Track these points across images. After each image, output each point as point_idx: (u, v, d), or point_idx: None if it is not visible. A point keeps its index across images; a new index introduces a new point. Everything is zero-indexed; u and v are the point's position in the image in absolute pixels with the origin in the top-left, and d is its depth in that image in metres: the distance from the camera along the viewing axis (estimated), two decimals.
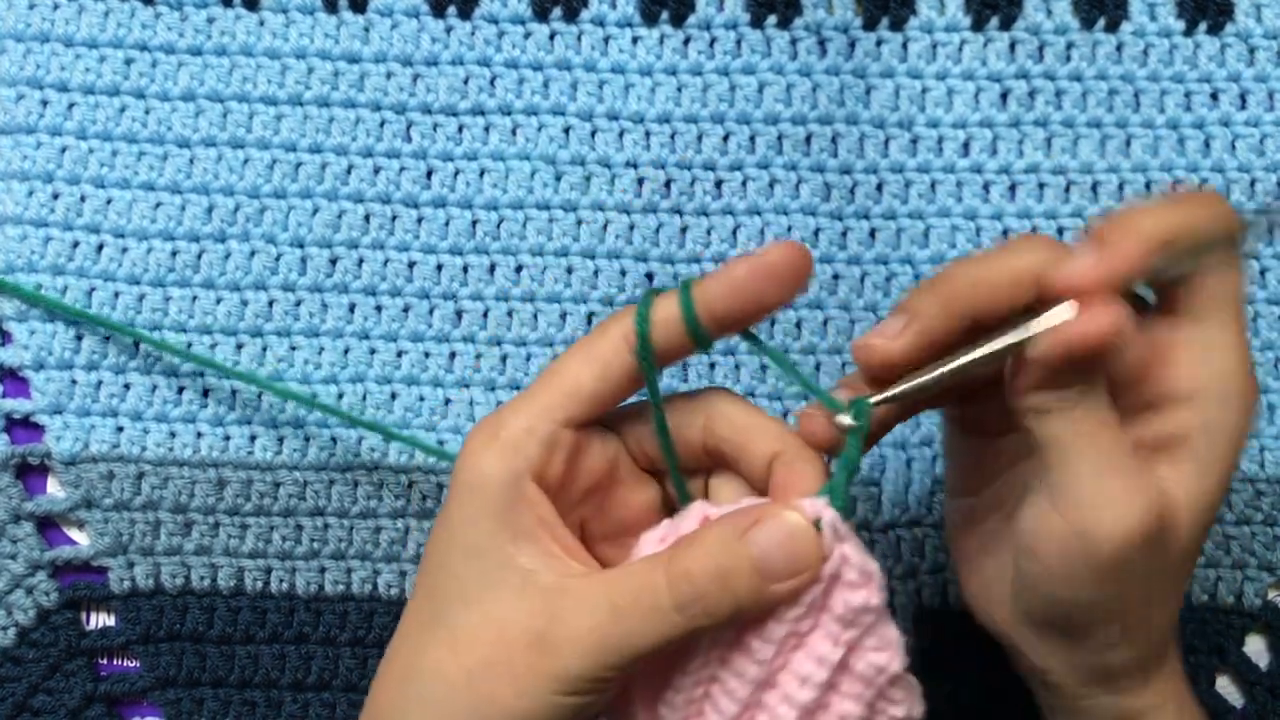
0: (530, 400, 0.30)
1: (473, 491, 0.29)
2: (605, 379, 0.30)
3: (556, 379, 0.30)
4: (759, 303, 0.29)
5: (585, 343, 0.30)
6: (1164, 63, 0.45)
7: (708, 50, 0.45)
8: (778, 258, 0.29)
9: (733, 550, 0.28)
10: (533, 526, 0.29)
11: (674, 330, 0.29)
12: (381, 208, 0.44)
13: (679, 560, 0.28)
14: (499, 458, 0.29)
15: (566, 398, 0.30)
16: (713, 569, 0.27)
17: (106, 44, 0.45)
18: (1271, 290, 0.44)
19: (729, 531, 0.28)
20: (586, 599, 0.28)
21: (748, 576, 0.27)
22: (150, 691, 0.42)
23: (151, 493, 0.43)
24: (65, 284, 0.44)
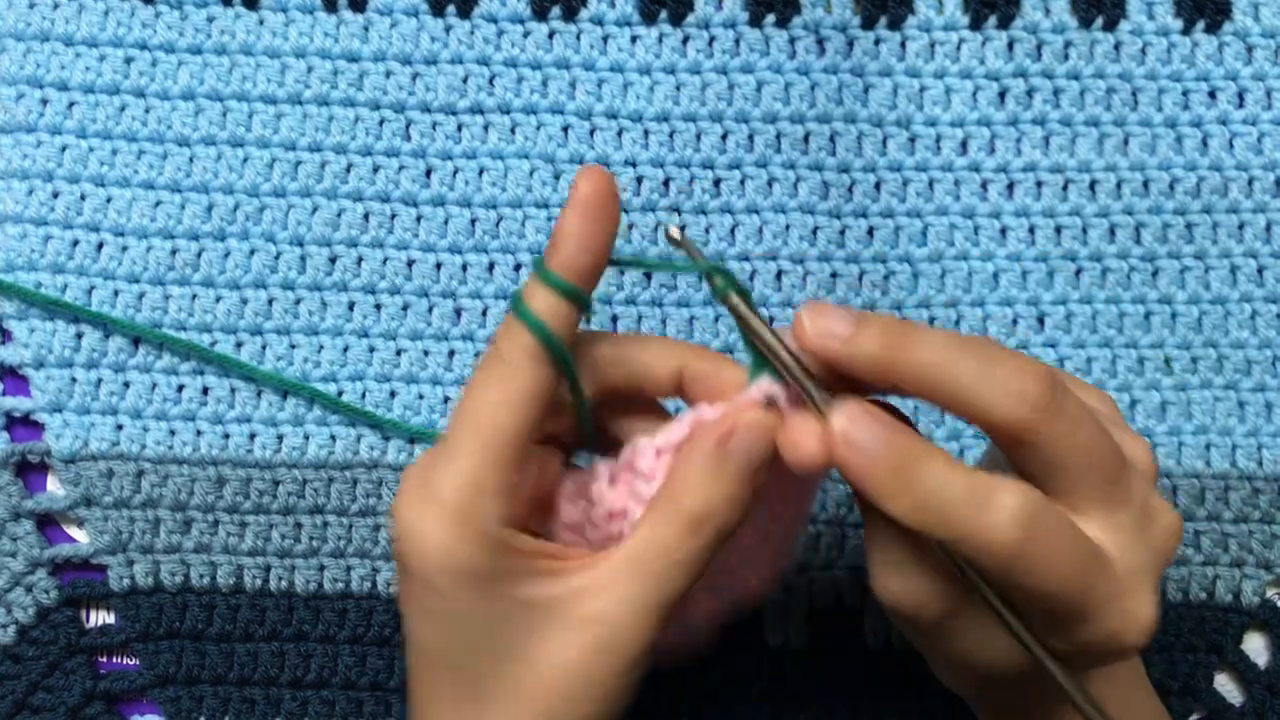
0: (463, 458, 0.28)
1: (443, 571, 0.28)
2: (531, 404, 0.29)
3: (481, 428, 0.28)
4: (601, 237, 0.29)
5: (490, 381, 0.29)
6: (1162, 61, 0.45)
7: (706, 49, 0.45)
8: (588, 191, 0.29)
9: (724, 474, 0.28)
10: (522, 564, 0.28)
11: (561, 310, 0.29)
12: (380, 206, 0.44)
13: (685, 504, 0.28)
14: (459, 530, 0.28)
15: (502, 444, 0.28)
16: (721, 498, 0.28)
17: (106, 43, 0.45)
18: (1269, 288, 0.44)
19: (711, 459, 0.28)
20: (616, 592, 0.28)
21: (745, 484, 0.29)
22: (150, 689, 0.42)
23: (151, 491, 0.43)
24: (65, 282, 0.44)
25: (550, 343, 0.29)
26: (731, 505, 0.29)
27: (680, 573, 0.28)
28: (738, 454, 0.29)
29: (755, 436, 0.29)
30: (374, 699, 0.42)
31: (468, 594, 0.28)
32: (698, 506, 0.28)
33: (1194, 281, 0.44)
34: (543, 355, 0.29)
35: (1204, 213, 0.44)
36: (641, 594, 0.28)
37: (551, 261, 0.29)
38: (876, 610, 0.42)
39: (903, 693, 0.42)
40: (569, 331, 0.29)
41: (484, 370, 0.29)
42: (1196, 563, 0.43)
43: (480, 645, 0.28)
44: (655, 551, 0.28)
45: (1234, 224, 0.44)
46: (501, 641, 0.28)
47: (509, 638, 0.28)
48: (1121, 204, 0.44)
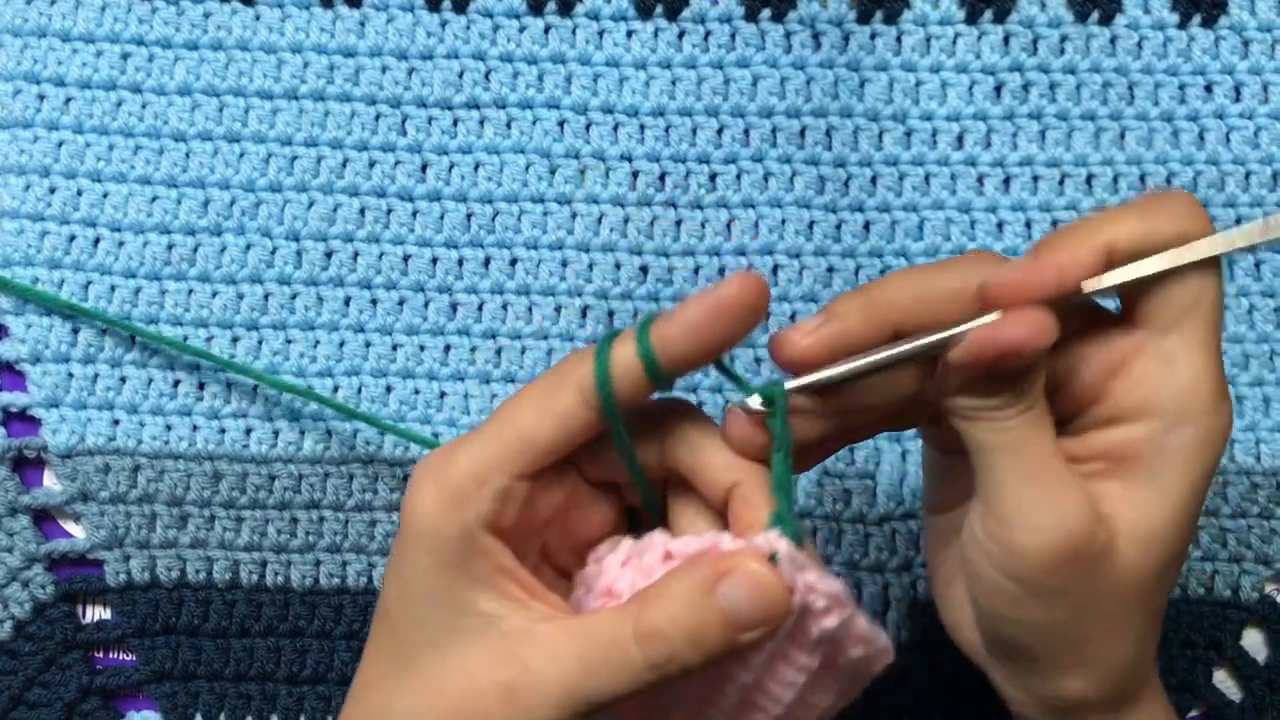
0: (482, 446, 0.28)
1: (423, 540, 0.28)
2: (562, 432, 0.28)
3: (511, 429, 0.28)
4: (716, 342, 0.28)
5: (542, 391, 0.29)
6: (1158, 55, 0.45)
7: (702, 44, 0.45)
8: (733, 295, 0.28)
9: (702, 607, 0.27)
10: (491, 574, 0.28)
11: (633, 377, 0.28)
12: (377, 201, 0.44)
13: (647, 617, 0.27)
14: (449, 510, 0.28)
15: (520, 452, 0.28)
16: (684, 628, 0.27)
17: (103, 39, 0.45)
18: (1267, 283, 0.44)
19: (696, 588, 0.27)
20: (554, 649, 0.27)
21: (719, 631, 0.27)
22: (146, 684, 0.42)
23: (147, 486, 0.43)
24: (62, 277, 0.44)
25: (606, 401, 0.28)
26: (694, 644, 0.27)
27: (611, 676, 0.27)
28: (722, 597, 0.27)
29: (747, 590, 0.27)
30: None
31: (432, 572, 0.28)
32: (658, 624, 0.27)
33: None
34: (594, 402, 0.28)
35: None
36: (563, 670, 0.27)
37: (657, 331, 0.28)
38: (872, 605, 0.42)
39: (900, 689, 0.42)
40: (630, 397, 0.28)
41: (541, 382, 0.29)
42: (1195, 558, 0.43)
43: (422, 620, 0.28)
44: (601, 640, 0.27)
45: (1231, 218, 0.44)
46: (440, 629, 0.28)
47: (448, 630, 0.28)
48: (1118, 198, 0.44)
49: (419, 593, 0.28)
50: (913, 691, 0.42)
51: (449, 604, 0.28)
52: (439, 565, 0.28)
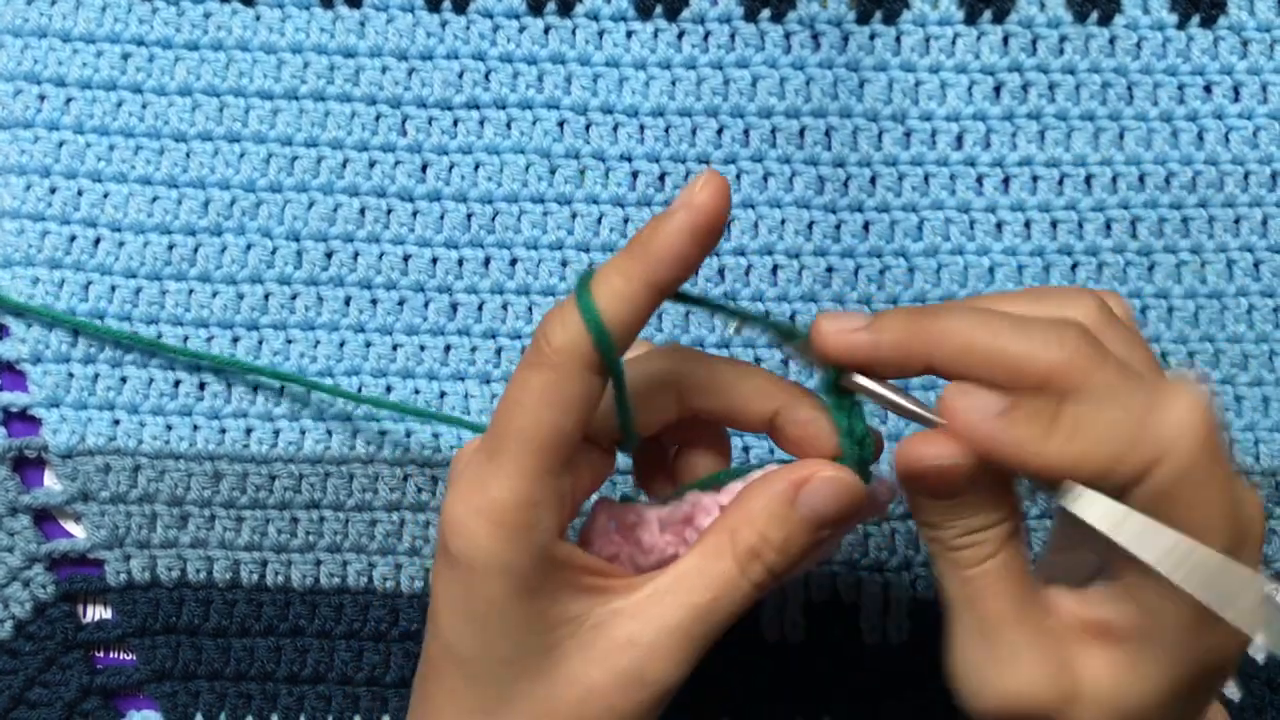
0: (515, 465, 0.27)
1: (497, 578, 0.27)
2: (584, 416, 0.27)
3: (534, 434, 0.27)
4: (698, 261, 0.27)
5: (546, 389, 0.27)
6: (1157, 56, 0.45)
7: (702, 44, 0.45)
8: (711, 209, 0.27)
9: (790, 520, 0.28)
10: (570, 576, 0.28)
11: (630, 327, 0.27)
12: (377, 201, 0.44)
13: (742, 541, 0.28)
14: (513, 539, 0.27)
15: (555, 455, 0.27)
16: (779, 543, 0.28)
17: (103, 39, 0.45)
18: (1266, 283, 0.44)
19: (778, 501, 0.28)
20: (657, 614, 0.27)
21: (808, 535, 0.28)
22: (146, 684, 0.42)
23: (148, 486, 0.43)
24: (62, 277, 0.44)
25: (606, 353, 0.27)
26: (786, 552, 0.28)
27: (722, 608, 0.28)
28: (807, 503, 0.28)
29: (831, 491, 0.28)
30: (370, 694, 0.42)
31: (513, 604, 0.27)
32: (753, 542, 0.28)
33: (1190, 276, 0.44)
34: (596, 362, 0.27)
35: (1200, 207, 0.44)
36: (678, 624, 0.27)
37: (633, 262, 0.27)
38: (872, 606, 0.42)
39: (899, 689, 0.42)
40: (628, 335, 0.27)
41: (532, 369, 0.27)
42: None
43: (510, 656, 0.27)
44: (701, 583, 0.28)
45: (1230, 218, 0.44)
46: (531, 655, 0.27)
47: (539, 651, 0.27)
48: (1117, 199, 0.44)
49: (503, 629, 0.27)
50: (913, 692, 0.42)
51: (538, 627, 0.27)
52: (519, 594, 0.27)
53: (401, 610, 0.42)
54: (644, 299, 0.27)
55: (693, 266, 0.27)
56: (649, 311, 0.28)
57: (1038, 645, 0.27)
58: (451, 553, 0.27)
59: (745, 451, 0.43)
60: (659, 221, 0.27)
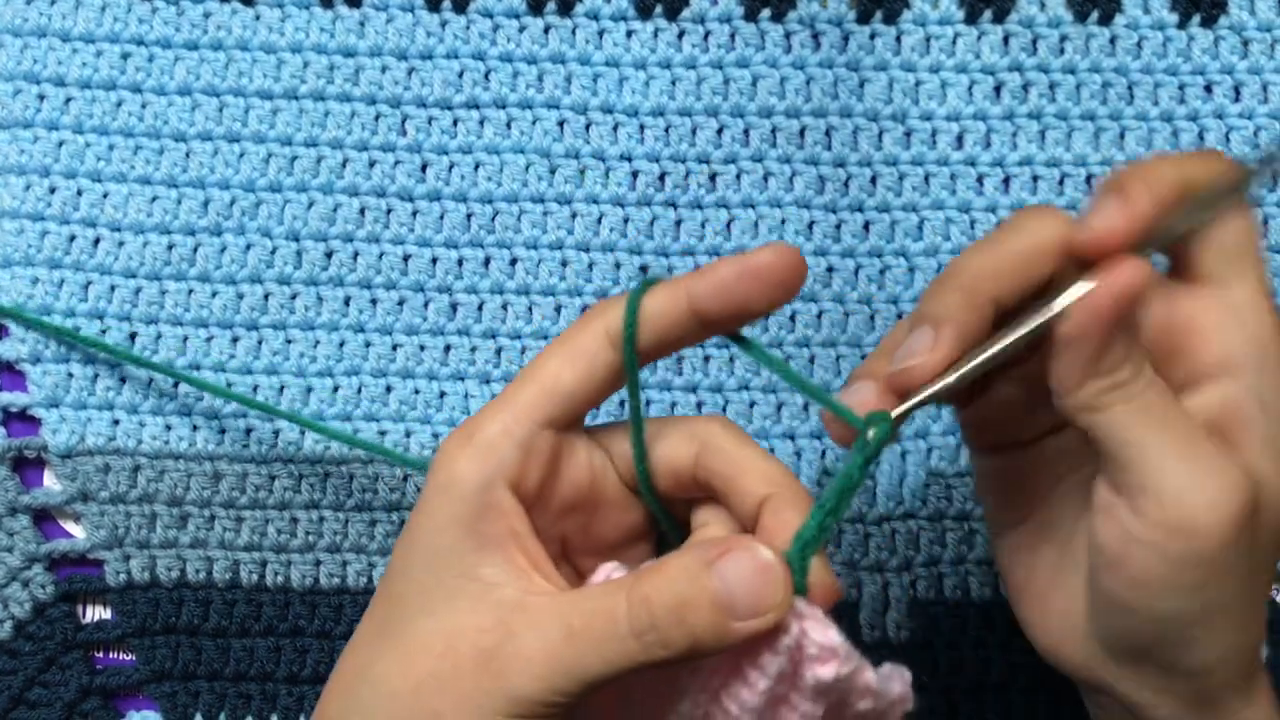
0: (507, 401, 0.28)
1: (443, 495, 0.28)
2: (587, 376, 0.28)
3: (534, 377, 0.28)
4: (745, 307, 0.28)
5: (566, 337, 0.29)
6: (1157, 55, 0.45)
7: (702, 44, 0.45)
8: (767, 262, 0.27)
9: (695, 580, 0.26)
10: (502, 536, 0.28)
11: (658, 326, 0.28)
12: (376, 201, 0.44)
13: (639, 586, 0.26)
14: (472, 461, 0.28)
15: (545, 396, 0.28)
16: (671, 598, 0.26)
17: (103, 39, 0.45)
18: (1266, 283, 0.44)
19: (694, 560, 0.26)
20: (542, 618, 0.27)
21: (708, 611, 0.26)
22: (146, 684, 0.42)
23: (147, 486, 0.43)
24: (62, 277, 0.44)
25: (629, 339, 0.28)
26: (680, 618, 0.26)
27: (596, 647, 0.26)
28: (718, 575, 0.26)
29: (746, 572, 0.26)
30: None
31: (446, 529, 0.28)
32: (646, 592, 0.26)
33: None
34: (619, 342, 0.28)
35: None
36: (556, 640, 0.26)
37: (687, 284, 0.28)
38: (872, 605, 0.42)
39: None
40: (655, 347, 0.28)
41: (567, 331, 0.29)
42: None
43: (420, 583, 0.28)
44: (589, 609, 0.26)
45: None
46: (437, 594, 0.28)
47: (443, 595, 0.27)
48: None
49: (424, 553, 0.28)
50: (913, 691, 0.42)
51: (451, 565, 0.28)
52: (453, 519, 0.28)
53: None
54: (683, 312, 0.28)
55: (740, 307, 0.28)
56: (686, 329, 0.28)
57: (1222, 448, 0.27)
58: (430, 470, 0.29)
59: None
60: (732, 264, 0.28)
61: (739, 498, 0.29)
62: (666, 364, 0.43)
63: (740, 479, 0.29)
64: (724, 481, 0.29)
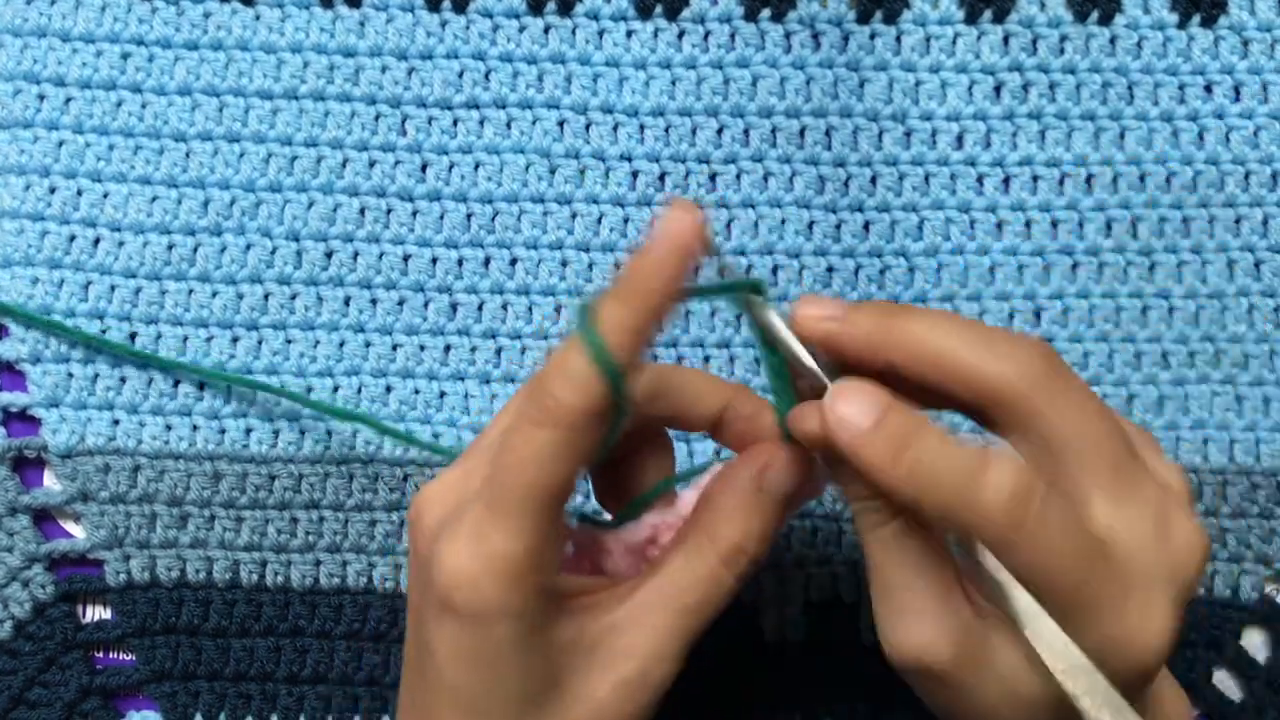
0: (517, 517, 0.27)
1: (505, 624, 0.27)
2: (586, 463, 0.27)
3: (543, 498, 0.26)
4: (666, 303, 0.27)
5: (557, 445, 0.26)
6: (1157, 55, 0.45)
7: (702, 44, 0.45)
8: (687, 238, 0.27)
9: (761, 507, 0.29)
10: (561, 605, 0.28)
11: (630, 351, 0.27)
12: (376, 201, 0.44)
13: (723, 538, 0.29)
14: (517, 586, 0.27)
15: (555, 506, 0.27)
16: (756, 532, 0.29)
17: (103, 39, 0.45)
18: (1266, 283, 0.44)
19: (747, 493, 0.29)
20: (647, 622, 0.28)
21: (779, 517, 0.30)
22: (146, 684, 0.42)
23: (147, 486, 0.43)
24: (62, 277, 0.44)
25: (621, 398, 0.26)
26: (764, 538, 0.29)
27: (712, 605, 0.29)
28: (773, 487, 0.29)
29: (793, 469, 0.30)
30: (370, 694, 0.42)
31: (522, 644, 0.27)
32: (735, 538, 0.29)
33: (1191, 276, 0.44)
34: (608, 409, 0.26)
35: (1200, 207, 0.44)
36: (672, 627, 0.28)
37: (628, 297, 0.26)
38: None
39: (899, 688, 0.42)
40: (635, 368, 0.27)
41: (541, 428, 0.26)
42: None
43: (519, 691, 0.28)
44: (689, 584, 0.29)
45: (1230, 218, 0.44)
46: (539, 686, 0.28)
47: (546, 681, 0.28)
48: (1118, 198, 0.44)
49: (512, 668, 0.27)
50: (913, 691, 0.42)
51: (544, 660, 0.28)
52: (527, 634, 0.27)
53: (401, 610, 0.42)
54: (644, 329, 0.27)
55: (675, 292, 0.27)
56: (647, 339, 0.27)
57: (937, 610, 0.28)
58: (457, 604, 0.27)
59: None
60: (639, 257, 0.27)
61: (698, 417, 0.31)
62: None
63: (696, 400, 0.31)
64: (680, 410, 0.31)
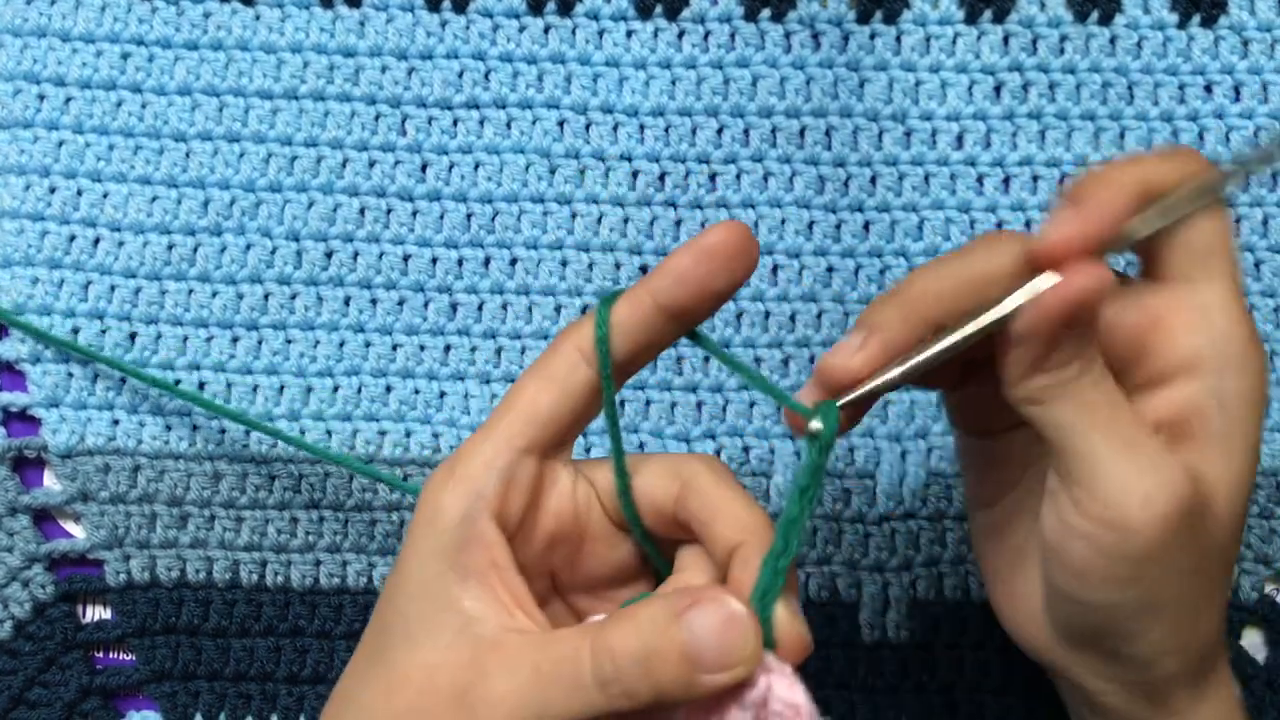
0: (488, 431, 0.29)
1: (427, 527, 0.28)
2: (564, 396, 0.28)
3: (512, 404, 0.29)
4: (708, 288, 0.28)
5: (540, 361, 0.29)
6: (1157, 55, 0.45)
7: (702, 44, 0.45)
8: (720, 239, 0.28)
9: (663, 632, 0.26)
10: (483, 568, 0.28)
11: (629, 331, 0.28)
12: (376, 201, 0.44)
13: (605, 634, 0.26)
14: (455, 493, 0.28)
15: (523, 423, 0.28)
16: (636, 649, 0.25)
17: (103, 39, 0.45)
18: (1267, 283, 0.44)
19: (663, 611, 0.26)
20: (513, 659, 0.27)
21: (675, 663, 0.25)
22: (146, 684, 0.42)
23: (147, 486, 0.43)
24: (62, 277, 0.44)
25: (603, 353, 0.28)
26: (646, 670, 0.25)
27: (563, 693, 0.26)
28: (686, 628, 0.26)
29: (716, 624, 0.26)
30: None
31: (429, 558, 0.28)
32: (612, 642, 0.26)
33: None
34: (593, 358, 0.28)
35: None
36: (525, 683, 0.26)
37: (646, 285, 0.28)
38: (872, 605, 0.42)
39: (899, 687, 0.42)
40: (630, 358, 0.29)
41: (541, 356, 0.29)
42: None
43: (406, 616, 0.28)
44: (557, 654, 0.26)
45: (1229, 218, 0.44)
46: (419, 624, 0.28)
47: (425, 625, 0.28)
48: None
49: (410, 584, 0.28)
50: (913, 691, 0.42)
51: (434, 595, 0.28)
52: (435, 551, 0.28)
53: None
54: (650, 312, 0.28)
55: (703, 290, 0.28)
56: (656, 329, 0.28)
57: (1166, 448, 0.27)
58: (417, 504, 0.29)
59: (745, 451, 0.43)
60: (670, 257, 0.28)
61: (713, 544, 0.29)
62: (666, 364, 0.43)
63: (715, 524, 0.28)
64: (700, 525, 0.29)
